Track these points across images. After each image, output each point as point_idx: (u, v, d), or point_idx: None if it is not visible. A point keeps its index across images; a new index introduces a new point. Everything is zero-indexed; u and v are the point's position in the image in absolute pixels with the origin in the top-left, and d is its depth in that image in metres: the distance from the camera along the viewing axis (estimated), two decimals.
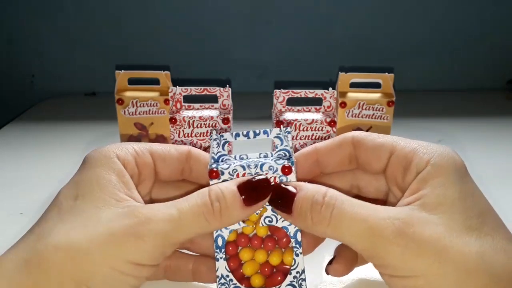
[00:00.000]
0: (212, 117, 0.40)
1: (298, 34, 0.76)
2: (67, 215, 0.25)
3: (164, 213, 0.25)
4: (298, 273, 0.28)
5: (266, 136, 0.28)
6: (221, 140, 0.28)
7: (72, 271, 0.24)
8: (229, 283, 0.28)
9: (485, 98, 0.76)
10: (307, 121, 0.40)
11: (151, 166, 0.30)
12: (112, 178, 0.27)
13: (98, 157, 0.28)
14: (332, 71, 0.73)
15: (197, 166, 0.30)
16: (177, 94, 0.41)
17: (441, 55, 0.78)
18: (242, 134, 0.28)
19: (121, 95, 0.47)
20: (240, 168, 0.27)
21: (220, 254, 0.28)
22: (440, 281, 0.23)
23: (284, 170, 0.27)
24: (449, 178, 0.25)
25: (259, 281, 0.28)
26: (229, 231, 0.28)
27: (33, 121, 0.67)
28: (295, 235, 0.28)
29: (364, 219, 0.24)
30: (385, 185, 0.30)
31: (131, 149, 0.29)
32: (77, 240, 0.24)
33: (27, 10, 0.73)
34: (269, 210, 0.28)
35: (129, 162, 0.28)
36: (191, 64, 0.76)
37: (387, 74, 0.46)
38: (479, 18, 0.75)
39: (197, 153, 0.31)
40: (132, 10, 0.74)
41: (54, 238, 0.24)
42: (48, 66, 0.77)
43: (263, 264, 0.28)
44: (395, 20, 0.75)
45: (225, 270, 0.28)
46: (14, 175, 0.50)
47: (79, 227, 0.24)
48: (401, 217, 0.24)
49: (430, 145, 0.27)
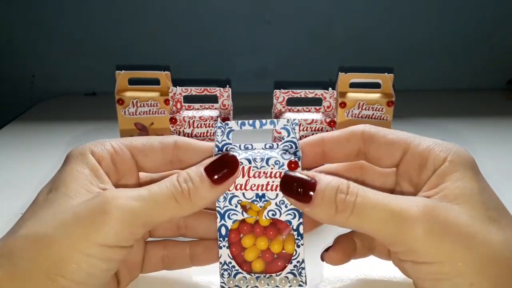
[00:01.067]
0: (212, 117, 0.40)
1: (298, 34, 0.76)
2: (40, 208, 0.25)
3: (132, 192, 0.25)
4: (299, 262, 0.28)
5: (272, 126, 0.28)
6: (226, 128, 0.28)
7: (40, 261, 0.23)
8: (231, 269, 0.28)
9: (485, 98, 0.76)
10: (307, 121, 0.40)
11: (131, 161, 0.29)
12: (85, 171, 0.27)
13: (74, 154, 0.28)
14: (332, 71, 0.73)
15: (187, 155, 0.30)
16: (177, 94, 0.41)
17: (441, 55, 0.78)
18: (248, 124, 0.28)
19: (121, 95, 0.47)
20: (245, 161, 0.27)
21: (223, 243, 0.28)
22: (465, 267, 0.23)
23: (290, 165, 0.27)
24: (466, 173, 0.26)
25: (260, 266, 0.28)
26: (233, 221, 0.28)
27: (33, 121, 0.67)
28: (297, 228, 0.28)
29: (388, 205, 0.24)
30: (392, 181, 0.30)
31: (108, 146, 0.29)
32: (44, 230, 0.24)
33: (27, 10, 0.73)
34: (272, 204, 0.28)
35: (104, 158, 0.28)
36: (191, 64, 0.76)
37: (387, 74, 0.46)
38: (479, 18, 0.75)
39: (184, 143, 0.30)
40: (132, 11, 0.74)
41: (24, 230, 0.24)
42: (48, 66, 0.77)
43: (264, 251, 0.29)
44: (395, 20, 0.75)
45: (227, 257, 0.28)
46: (14, 175, 0.50)
47: (48, 217, 0.25)
48: (426, 203, 0.24)
49: (444, 143, 0.28)
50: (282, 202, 0.28)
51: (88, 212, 0.24)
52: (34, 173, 0.50)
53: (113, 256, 0.25)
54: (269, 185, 0.28)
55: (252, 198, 0.28)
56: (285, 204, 0.28)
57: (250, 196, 0.28)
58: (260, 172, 0.28)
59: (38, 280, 0.23)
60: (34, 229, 0.24)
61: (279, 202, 0.28)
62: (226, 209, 0.28)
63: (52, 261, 0.24)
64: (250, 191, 0.28)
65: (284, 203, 0.28)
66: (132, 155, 0.29)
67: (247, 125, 0.28)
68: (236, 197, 0.28)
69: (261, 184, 0.28)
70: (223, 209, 0.28)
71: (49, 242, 0.24)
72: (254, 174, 0.28)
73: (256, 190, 0.28)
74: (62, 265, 0.24)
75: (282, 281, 0.28)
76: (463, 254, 0.23)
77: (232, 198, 0.28)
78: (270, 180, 0.28)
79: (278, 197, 0.28)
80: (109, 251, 0.25)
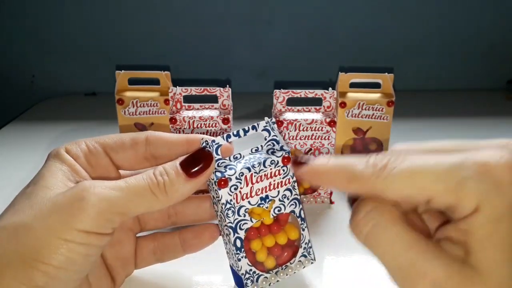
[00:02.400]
0: (212, 117, 0.40)
1: (298, 34, 0.76)
2: (18, 201, 0.26)
3: (110, 183, 0.26)
4: (306, 244, 0.31)
5: (255, 131, 0.29)
6: (214, 145, 0.28)
7: (17, 248, 0.24)
8: (252, 275, 0.30)
9: (485, 98, 0.76)
10: (307, 121, 0.40)
11: (105, 158, 0.30)
12: (64, 167, 0.28)
13: (52, 153, 0.29)
14: (332, 71, 0.73)
15: (160, 150, 0.30)
16: (177, 94, 0.41)
17: (441, 55, 0.78)
18: (233, 134, 0.29)
19: (121, 95, 0.47)
20: (246, 170, 0.28)
21: (241, 254, 0.29)
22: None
23: (284, 160, 0.29)
24: None
25: (272, 262, 0.30)
26: (245, 231, 0.29)
27: (33, 121, 0.67)
28: (300, 214, 0.30)
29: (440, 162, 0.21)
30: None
31: (82, 145, 0.29)
32: (21, 219, 0.25)
33: (27, 10, 0.73)
34: (276, 201, 0.30)
35: (78, 157, 0.29)
36: (191, 64, 0.76)
37: (387, 74, 0.46)
38: (479, 18, 0.75)
39: (155, 137, 0.30)
40: (132, 10, 0.74)
41: (1, 221, 0.25)
42: (48, 66, 0.77)
43: (272, 247, 0.30)
44: (395, 20, 0.75)
45: (247, 266, 0.29)
46: (14, 175, 0.50)
47: (26, 207, 0.25)
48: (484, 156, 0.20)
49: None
50: (284, 196, 0.30)
51: (66, 200, 0.25)
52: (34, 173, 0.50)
53: (91, 242, 0.25)
54: (271, 185, 0.29)
55: (257, 203, 0.29)
56: (286, 197, 0.30)
57: (255, 201, 0.29)
58: (261, 176, 0.29)
59: (17, 267, 0.24)
60: (11, 220, 0.25)
61: (281, 197, 0.30)
62: (237, 221, 0.29)
63: (31, 248, 0.24)
64: (255, 196, 0.29)
65: (285, 196, 0.30)
66: (106, 153, 0.30)
67: (232, 137, 0.29)
68: (243, 206, 0.29)
69: (264, 187, 0.29)
70: (234, 222, 0.29)
71: (27, 230, 0.24)
72: (256, 179, 0.29)
73: (260, 194, 0.29)
74: (41, 251, 0.24)
75: (297, 266, 0.31)
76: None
77: (240, 209, 0.29)
78: (271, 180, 0.29)
79: (279, 193, 0.29)
80: (86, 236, 0.25)
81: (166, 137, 0.30)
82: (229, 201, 0.28)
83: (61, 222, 0.24)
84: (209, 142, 0.28)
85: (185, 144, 0.29)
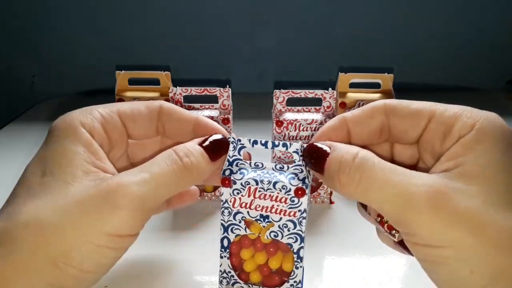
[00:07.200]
0: (212, 117, 0.40)
1: (298, 34, 0.76)
2: (37, 193, 0.25)
3: (136, 177, 0.25)
4: (296, 282, 0.28)
5: (285, 149, 0.28)
6: (238, 144, 0.28)
7: (45, 247, 0.23)
8: (230, 278, 0.29)
9: (485, 98, 0.76)
10: (307, 121, 0.40)
11: (121, 128, 0.29)
12: (80, 149, 0.26)
13: (63, 127, 0.27)
14: (332, 71, 0.73)
15: (170, 123, 0.29)
16: (177, 94, 0.41)
17: (441, 55, 0.78)
18: (260, 143, 0.28)
19: (121, 95, 0.47)
20: (253, 181, 0.27)
21: (224, 253, 0.29)
22: (470, 253, 0.22)
23: (297, 192, 0.27)
24: (494, 146, 0.23)
25: (257, 277, 0.29)
26: (235, 235, 0.28)
27: (33, 121, 0.67)
28: (298, 251, 0.28)
29: (395, 185, 0.23)
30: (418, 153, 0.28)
31: (97, 115, 0.28)
32: (47, 217, 0.23)
33: (27, 10, 0.73)
34: (275, 226, 0.28)
35: (95, 129, 0.27)
36: (191, 64, 0.76)
37: (386, 74, 0.46)
38: (479, 18, 0.75)
39: (169, 108, 0.29)
40: (133, 10, 0.74)
41: (24, 216, 0.23)
42: (48, 66, 0.77)
43: (262, 265, 0.29)
44: (395, 20, 0.75)
45: (227, 266, 0.29)
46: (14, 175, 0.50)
47: (49, 203, 0.24)
48: (435, 185, 0.23)
49: (475, 110, 0.25)
50: (285, 226, 0.28)
51: (91, 201, 0.24)
52: None
53: (123, 245, 0.25)
54: (274, 208, 0.27)
55: (256, 217, 0.28)
56: (288, 228, 0.28)
57: (254, 215, 0.28)
58: (266, 194, 0.27)
59: (46, 268, 0.23)
60: (36, 217, 0.23)
61: (282, 225, 0.28)
62: (230, 223, 0.28)
63: (60, 250, 0.23)
64: (254, 210, 0.28)
65: (287, 226, 0.28)
66: (122, 122, 0.28)
67: (259, 144, 0.28)
68: (240, 213, 0.28)
69: (266, 206, 0.28)
70: (227, 223, 0.28)
71: (54, 231, 0.23)
72: (260, 195, 0.27)
73: (260, 210, 0.28)
74: (71, 255, 0.23)
75: None
76: (468, 242, 0.22)
77: (237, 214, 0.28)
78: (275, 204, 0.27)
79: (281, 220, 0.28)
80: (119, 239, 0.24)
81: (179, 111, 0.29)
82: (228, 201, 0.28)
83: (91, 226, 0.23)
84: (235, 140, 0.28)
85: (194, 123, 0.29)
